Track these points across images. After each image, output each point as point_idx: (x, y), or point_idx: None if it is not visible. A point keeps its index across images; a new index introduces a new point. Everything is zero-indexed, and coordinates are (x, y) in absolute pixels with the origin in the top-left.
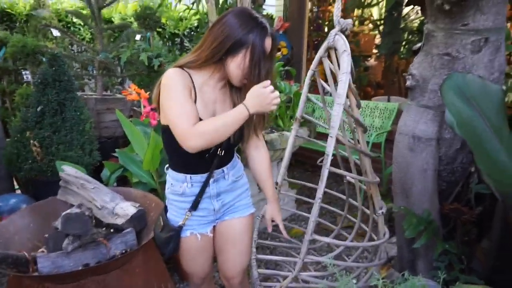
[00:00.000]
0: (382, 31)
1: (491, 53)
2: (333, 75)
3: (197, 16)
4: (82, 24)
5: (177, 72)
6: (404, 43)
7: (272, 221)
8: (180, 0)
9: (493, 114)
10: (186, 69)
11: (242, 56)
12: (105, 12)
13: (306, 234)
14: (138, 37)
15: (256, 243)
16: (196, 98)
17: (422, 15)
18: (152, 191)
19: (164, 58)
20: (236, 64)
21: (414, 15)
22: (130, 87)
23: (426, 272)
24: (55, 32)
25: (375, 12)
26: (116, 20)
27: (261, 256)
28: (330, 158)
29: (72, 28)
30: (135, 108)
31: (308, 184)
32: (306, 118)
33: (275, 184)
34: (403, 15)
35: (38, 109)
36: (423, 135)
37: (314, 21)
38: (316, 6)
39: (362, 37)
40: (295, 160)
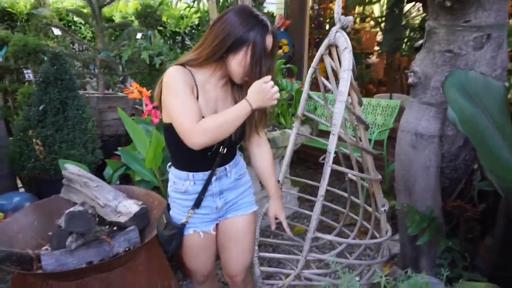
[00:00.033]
0: (383, 28)
1: (493, 49)
2: (334, 73)
3: (198, 14)
4: (83, 22)
5: (178, 70)
6: (405, 40)
7: (276, 218)
8: None
9: (495, 111)
10: (187, 67)
11: (243, 53)
12: (105, 10)
13: (309, 232)
14: (139, 35)
15: (258, 241)
16: (198, 96)
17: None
18: (155, 189)
19: (165, 56)
20: (238, 62)
21: (416, 12)
22: (131, 86)
23: (429, 270)
24: (56, 31)
25: (376, 9)
26: (117, 19)
27: (263, 254)
28: (333, 156)
29: (73, 27)
30: (137, 106)
31: (310, 182)
32: (307, 116)
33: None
34: (404, 12)
35: (40, 108)
36: (426, 132)
37: (315, 18)
38: (317, 4)
39: (363, 34)
40: (297, 158)
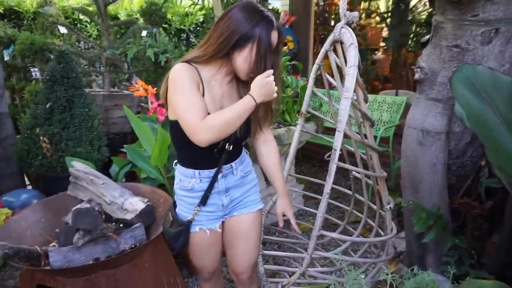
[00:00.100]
0: (389, 24)
1: (502, 44)
2: (339, 69)
3: (202, 12)
4: (88, 21)
5: (184, 66)
6: (412, 36)
7: (283, 215)
8: None
9: (504, 106)
10: (193, 64)
11: (248, 50)
12: (111, 8)
13: (314, 230)
14: (144, 33)
15: (262, 238)
16: (204, 93)
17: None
18: (161, 186)
19: (170, 54)
20: (243, 58)
21: (422, 7)
22: (137, 83)
23: (436, 267)
24: (62, 29)
25: (382, 4)
26: (122, 17)
27: (267, 252)
28: (338, 153)
29: (78, 25)
30: (142, 104)
31: (315, 180)
32: (312, 113)
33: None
34: (410, 7)
35: (47, 105)
36: (432, 129)
37: (320, 14)
38: (322, 0)
39: (369, 30)
40: (302, 155)
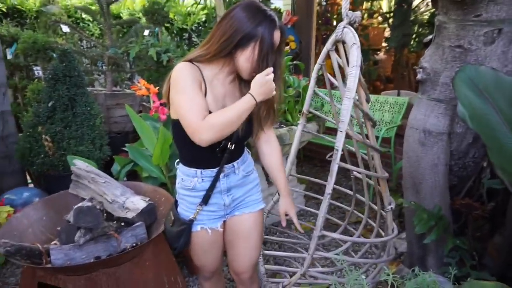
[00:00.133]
0: (391, 24)
1: (505, 44)
2: (340, 69)
3: (204, 11)
4: (91, 20)
5: (186, 66)
6: (414, 36)
7: (286, 215)
8: None
9: (507, 107)
10: (195, 63)
11: (251, 49)
12: (113, 7)
13: (315, 230)
14: (146, 32)
15: (263, 238)
16: (206, 92)
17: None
18: (162, 185)
19: (172, 53)
20: (246, 58)
21: (424, 7)
22: (139, 82)
23: (437, 268)
24: (65, 28)
25: (385, 4)
26: (124, 16)
27: (268, 252)
28: (340, 153)
29: (81, 24)
30: (144, 103)
31: (317, 180)
32: (313, 113)
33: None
34: (413, 7)
35: (50, 104)
36: (434, 129)
37: (323, 14)
38: (324, 0)
39: (371, 30)
40: (303, 155)
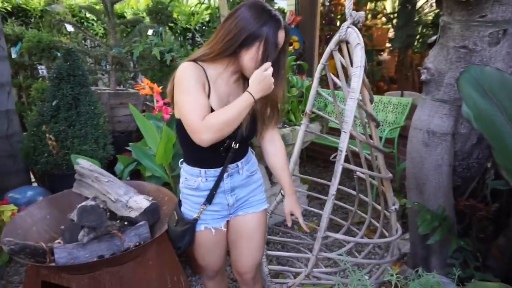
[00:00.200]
0: (395, 24)
1: (510, 45)
2: (344, 69)
3: (208, 11)
4: (95, 19)
5: (190, 66)
6: (418, 37)
7: (291, 214)
8: None
9: None
10: (199, 62)
11: (255, 49)
12: (117, 7)
13: (319, 231)
14: (150, 32)
15: (266, 238)
16: (210, 92)
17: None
18: (165, 185)
19: (176, 53)
20: (250, 57)
21: (429, 8)
22: (143, 82)
23: (440, 269)
24: (69, 28)
25: (389, 5)
26: (128, 15)
27: (271, 252)
28: (344, 154)
29: (85, 23)
30: (147, 102)
31: (320, 180)
32: (316, 113)
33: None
34: (417, 8)
35: (54, 103)
36: (438, 130)
37: (326, 15)
38: (328, 0)
39: (375, 31)
40: (306, 155)
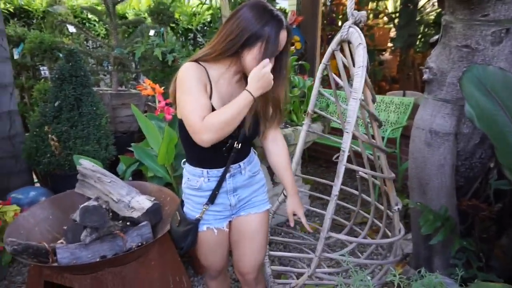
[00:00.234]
0: (397, 24)
1: None
2: (346, 69)
3: (210, 11)
4: (97, 20)
5: (192, 66)
6: (420, 36)
7: (294, 215)
8: None
9: None
10: (201, 62)
11: (258, 48)
12: (119, 8)
13: (322, 232)
14: (152, 32)
15: (269, 239)
16: (212, 92)
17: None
18: (167, 185)
19: (177, 53)
20: (252, 57)
21: (430, 7)
22: (144, 82)
23: (443, 270)
24: (71, 28)
25: (390, 5)
26: (130, 16)
27: (274, 253)
28: (347, 155)
29: (87, 24)
30: (149, 103)
31: (322, 180)
32: (318, 113)
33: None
34: (419, 7)
35: (56, 104)
36: (441, 130)
37: (328, 15)
38: (329, 0)
39: (376, 30)
40: (308, 155)
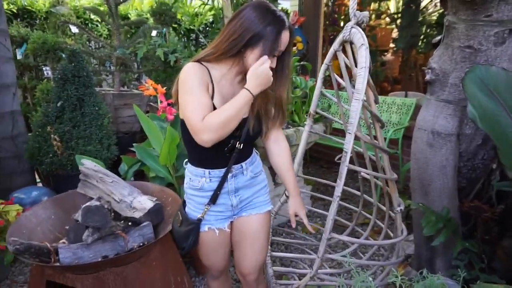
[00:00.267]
0: (399, 25)
1: None
2: (348, 70)
3: (212, 12)
4: (99, 20)
5: (194, 66)
6: (422, 37)
7: (296, 215)
8: None
9: None
10: (204, 63)
11: (260, 49)
12: (121, 8)
13: (325, 233)
14: (154, 33)
15: (270, 240)
16: (214, 93)
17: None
18: (169, 185)
19: (179, 53)
20: (255, 57)
21: (433, 8)
22: (147, 83)
23: (445, 271)
24: (74, 29)
25: (392, 5)
26: (132, 16)
27: (275, 254)
28: (349, 155)
29: (90, 25)
30: (151, 103)
31: (324, 180)
32: (320, 114)
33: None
34: (421, 8)
35: (58, 104)
36: (443, 131)
37: (330, 15)
38: (331, 0)
39: (378, 31)
40: (310, 156)
